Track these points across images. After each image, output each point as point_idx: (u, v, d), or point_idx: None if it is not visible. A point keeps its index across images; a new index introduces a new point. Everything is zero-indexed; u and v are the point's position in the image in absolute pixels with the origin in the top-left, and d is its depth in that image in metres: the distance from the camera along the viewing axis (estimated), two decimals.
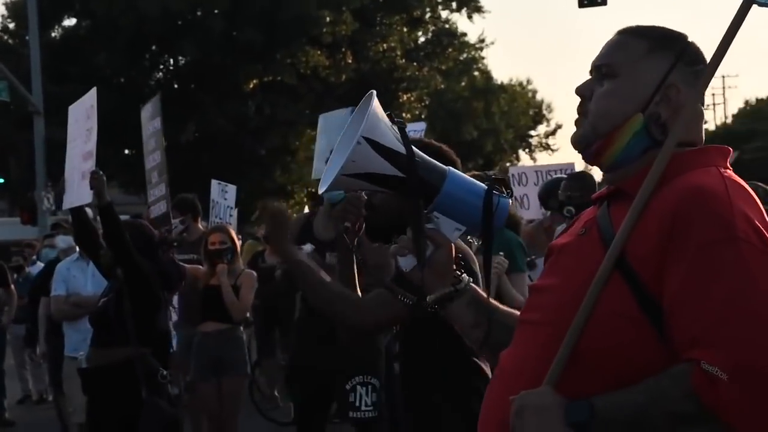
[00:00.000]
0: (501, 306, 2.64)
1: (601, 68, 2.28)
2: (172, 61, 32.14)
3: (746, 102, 66.80)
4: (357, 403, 6.03)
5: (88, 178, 6.21)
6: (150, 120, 9.85)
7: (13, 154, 30.17)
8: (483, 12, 32.82)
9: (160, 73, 31.97)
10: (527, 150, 51.84)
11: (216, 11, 28.53)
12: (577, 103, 2.32)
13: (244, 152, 28.43)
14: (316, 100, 29.88)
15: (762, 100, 57.92)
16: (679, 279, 2.01)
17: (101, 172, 6.17)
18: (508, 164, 41.05)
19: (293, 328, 6.88)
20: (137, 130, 10.27)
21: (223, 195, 10.20)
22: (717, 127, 67.47)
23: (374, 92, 2.59)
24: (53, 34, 29.78)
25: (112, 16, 28.56)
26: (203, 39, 27.99)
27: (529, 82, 52.79)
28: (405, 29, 30.34)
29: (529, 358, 2.18)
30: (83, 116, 6.81)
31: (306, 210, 14.56)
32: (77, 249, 9.35)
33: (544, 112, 53.77)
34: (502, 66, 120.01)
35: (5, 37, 30.20)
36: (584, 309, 2.06)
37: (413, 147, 2.56)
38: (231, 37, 28.24)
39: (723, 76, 70.41)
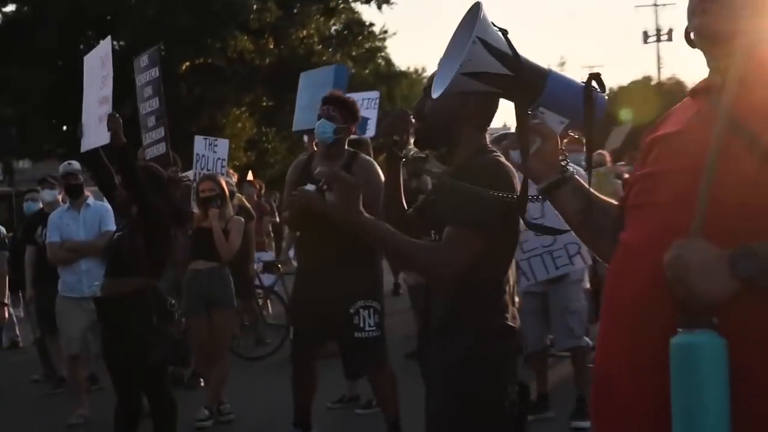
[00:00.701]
0: (598, 194, 2.58)
1: None
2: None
3: (610, 89, 68.05)
4: (361, 324, 6.07)
5: (105, 121, 6.11)
6: (147, 69, 9.68)
7: None
8: (391, 3, 32.86)
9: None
10: None
11: None
12: None
13: (177, 130, 27.98)
14: (241, 82, 29.65)
15: (624, 87, 58.94)
16: None
17: (117, 115, 6.06)
18: None
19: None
20: (75, 108, 10.01)
21: (212, 149, 10.16)
22: None
23: (481, 2, 2.59)
24: None
25: (50, 3, 27.93)
26: (138, 24, 27.48)
27: (423, 69, 53.98)
28: (321, 18, 30.26)
29: (658, 230, 2.10)
30: (98, 64, 6.72)
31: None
32: (61, 201, 9.37)
33: None
34: (403, 55, 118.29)
35: None
36: (711, 163, 1.97)
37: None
38: (165, 23, 27.76)
39: (589, 66, 71.18)
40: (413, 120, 3.66)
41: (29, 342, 13.06)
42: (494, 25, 2.59)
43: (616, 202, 2.52)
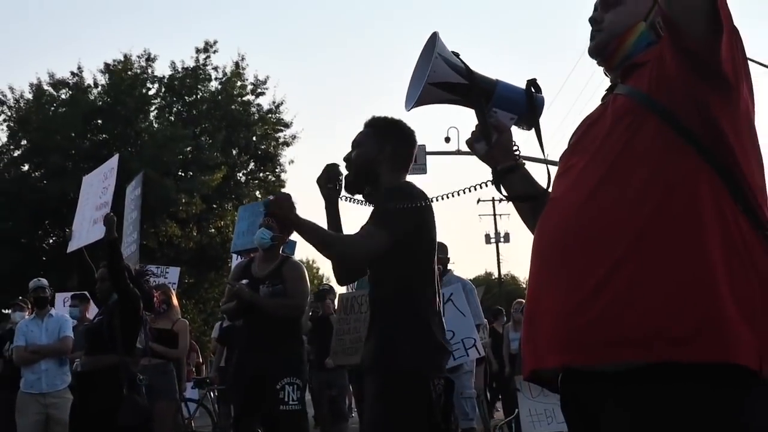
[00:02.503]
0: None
1: (608, 2, 2.25)
2: (62, 231, 30.48)
3: None
4: (286, 399, 5.62)
5: (101, 222, 5.97)
6: (133, 190, 9.58)
7: None
8: None
9: (52, 239, 30.25)
10: None
11: None
12: (592, 25, 2.27)
13: None
14: (168, 262, 28.89)
15: (470, 280, 59.44)
16: None
17: (113, 214, 5.95)
18: None
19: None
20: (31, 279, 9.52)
21: (164, 274, 9.78)
22: None
23: (438, 32, 2.58)
24: None
25: (21, 194, 27.16)
26: None
27: (314, 261, 54.18)
28: (235, 213, 29.98)
29: (572, 184, 2.05)
30: (99, 179, 6.59)
31: None
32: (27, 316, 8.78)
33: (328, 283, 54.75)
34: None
35: None
36: None
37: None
38: None
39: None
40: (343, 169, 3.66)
41: None
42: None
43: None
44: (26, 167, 29.28)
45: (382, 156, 3.57)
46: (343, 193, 3.59)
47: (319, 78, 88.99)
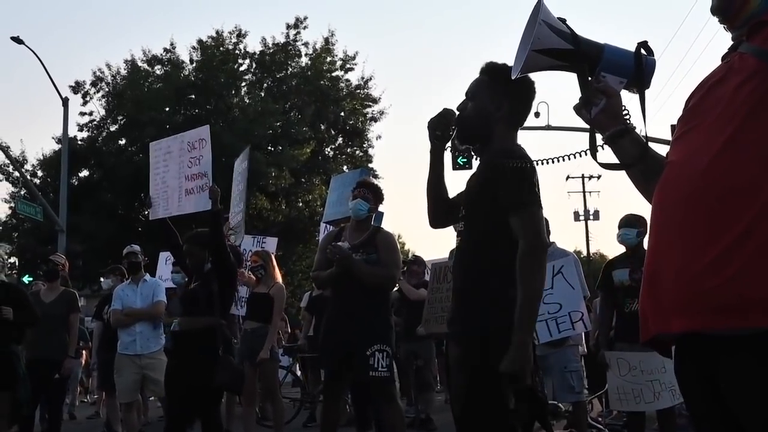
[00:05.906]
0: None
1: None
2: None
3: None
4: (375, 365, 5.61)
5: (197, 192, 6.16)
6: (240, 163, 9.78)
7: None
8: (378, 178, 32.95)
9: (147, 211, 31.10)
10: None
11: None
12: None
13: None
14: (257, 233, 29.38)
15: None
16: None
17: (216, 186, 6.12)
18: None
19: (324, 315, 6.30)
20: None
21: (260, 245, 9.88)
22: None
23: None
24: (73, 181, 28.68)
25: (116, 169, 28.06)
26: None
27: (400, 236, 53.89)
28: (323, 187, 30.31)
29: (698, 147, 1.96)
30: (182, 147, 6.58)
31: None
32: (117, 281, 9.05)
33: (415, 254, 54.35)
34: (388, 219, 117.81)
35: (35, 181, 29.00)
36: None
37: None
38: None
39: None
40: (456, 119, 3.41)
41: (84, 417, 12.44)
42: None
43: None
44: (123, 141, 30.16)
45: (499, 114, 3.24)
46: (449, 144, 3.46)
47: (408, 54, 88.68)
